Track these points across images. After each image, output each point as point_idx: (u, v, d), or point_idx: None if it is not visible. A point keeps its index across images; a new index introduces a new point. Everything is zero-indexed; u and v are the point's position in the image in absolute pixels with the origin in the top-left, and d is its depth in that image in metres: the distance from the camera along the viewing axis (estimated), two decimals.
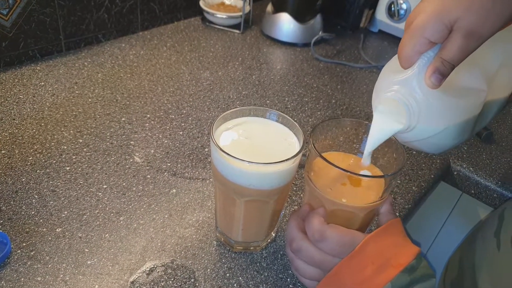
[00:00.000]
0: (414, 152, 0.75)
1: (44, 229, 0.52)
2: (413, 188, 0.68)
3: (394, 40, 1.17)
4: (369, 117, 0.79)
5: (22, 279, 0.46)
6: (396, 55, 0.43)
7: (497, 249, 0.48)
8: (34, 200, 0.56)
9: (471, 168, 0.75)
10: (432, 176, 0.71)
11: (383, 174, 0.48)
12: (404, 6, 1.10)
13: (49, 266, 0.48)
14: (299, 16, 1.04)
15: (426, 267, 0.41)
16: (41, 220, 0.53)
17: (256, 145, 0.47)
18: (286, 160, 0.43)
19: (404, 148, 0.46)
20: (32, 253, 0.49)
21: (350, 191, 0.46)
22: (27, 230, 0.52)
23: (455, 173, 0.76)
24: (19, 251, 0.49)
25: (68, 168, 0.61)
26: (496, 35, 0.38)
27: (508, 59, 0.46)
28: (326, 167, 0.44)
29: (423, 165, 0.73)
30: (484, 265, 0.49)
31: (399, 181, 0.68)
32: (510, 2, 0.36)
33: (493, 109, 0.48)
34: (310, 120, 0.79)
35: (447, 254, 0.82)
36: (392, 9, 1.12)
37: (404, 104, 0.41)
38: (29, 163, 0.61)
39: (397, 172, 0.44)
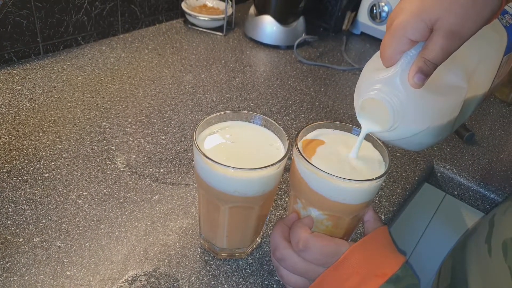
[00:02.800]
0: (398, 154, 0.76)
1: (20, 239, 0.50)
2: (398, 190, 0.68)
3: (376, 42, 1.18)
4: (352, 119, 0.79)
5: None
6: (377, 54, 0.43)
7: (489, 255, 0.47)
8: (10, 209, 0.54)
9: (454, 169, 0.75)
10: (416, 178, 0.71)
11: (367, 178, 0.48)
12: (385, 8, 1.11)
13: (26, 278, 0.46)
14: (282, 19, 1.04)
15: (411, 276, 0.41)
16: (17, 230, 0.51)
17: (240, 150, 0.47)
18: (271, 165, 0.42)
19: (388, 150, 0.46)
20: (7, 265, 0.47)
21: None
22: (3, 240, 0.50)
23: (439, 174, 0.77)
24: None
25: (46, 175, 0.59)
26: None
27: (486, 55, 0.46)
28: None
29: (407, 167, 0.73)
30: (476, 272, 0.49)
31: (383, 184, 0.68)
32: (490, 2, 0.36)
33: (472, 105, 0.49)
34: (294, 123, 0.79)
35: (432, 255, 0.82)
36: (374, 11, 1.13)
37: (387, 103, 0.41)
38: (4, 170, 0.59)
39: (383, 175, 0.44)
